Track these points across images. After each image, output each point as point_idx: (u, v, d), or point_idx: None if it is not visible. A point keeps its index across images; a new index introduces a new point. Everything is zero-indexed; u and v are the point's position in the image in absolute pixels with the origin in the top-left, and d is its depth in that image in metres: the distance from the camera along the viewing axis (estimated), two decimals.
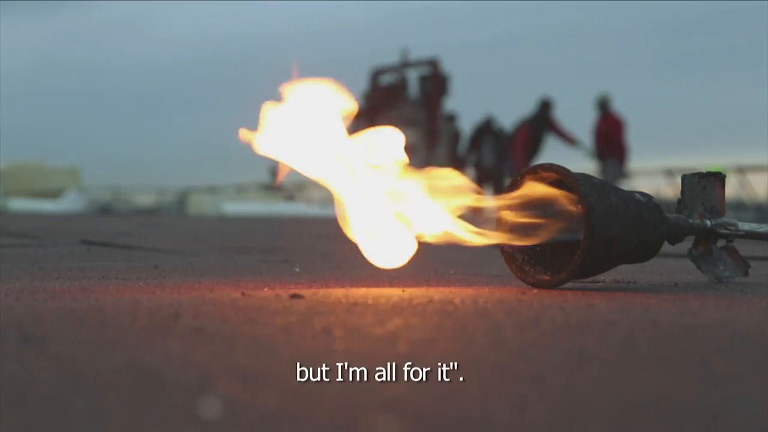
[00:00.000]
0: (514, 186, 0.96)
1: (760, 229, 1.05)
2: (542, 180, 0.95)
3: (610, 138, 8.22)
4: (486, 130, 9.62)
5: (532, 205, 0.95)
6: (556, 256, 0.97)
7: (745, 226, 1.04)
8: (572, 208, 0.93)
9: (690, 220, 1.02)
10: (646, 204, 0.97)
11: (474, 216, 0.99)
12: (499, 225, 0.97)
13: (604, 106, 8.24)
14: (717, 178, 1.19)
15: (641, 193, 1.00)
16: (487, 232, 0.96)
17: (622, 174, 8.15)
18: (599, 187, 0.93)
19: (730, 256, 1.05)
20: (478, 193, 0.98)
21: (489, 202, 0.96)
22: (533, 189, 0.95)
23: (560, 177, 0.94)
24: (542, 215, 0.95)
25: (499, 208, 0.97)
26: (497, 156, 9.50)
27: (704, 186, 1.06)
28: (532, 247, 0.97)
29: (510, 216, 0.96)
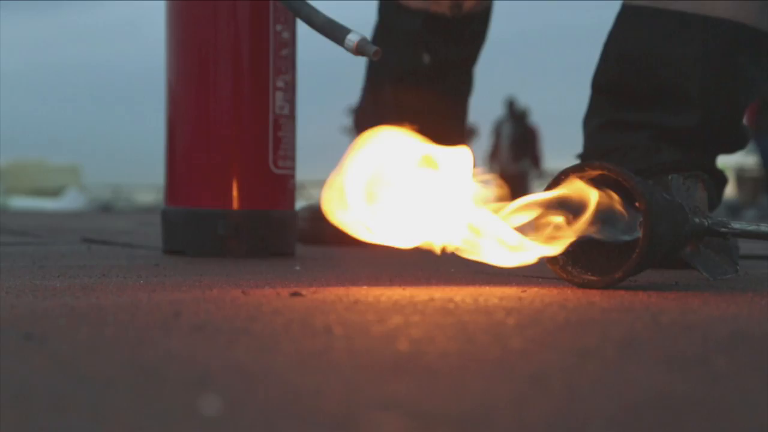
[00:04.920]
0: (557, 184, 0.94)
1: (751, 228, 1.04)
2: (587, 178, 0.93)
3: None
4: (507, 117, 9.56)
5: (573, 205, 0.92)
6: (586, 256, 0.95)
7: (737, 225, 1.03)
8: (617, 207, 0.91)
9: (696, 220, 1.02)
10: (677, 204, 0.96)
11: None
12: (539, 229, 0.94)
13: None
14: (699, 179, 1.20)
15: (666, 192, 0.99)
16: (527, 242, 0.92)
17: None
18: (649, 186, 0.92)
19: (716, 255, 1.04)
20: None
21: (527, 206, 0.93)
22: (576, 187, 0.92)
23: (611, 174, 0.91)
24: (580, 215, 0.92)
25: (540, 213, 0.93)
26: (515, 150, 9.41)
27: (688, 187, 1.06)
28: (570, 248, 0.94)
29: (549, 219, 0.93)
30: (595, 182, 0.93)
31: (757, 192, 9.84)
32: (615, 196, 0.92)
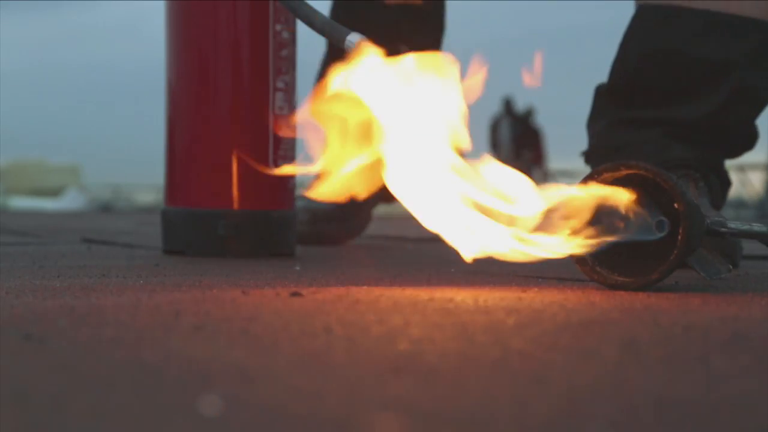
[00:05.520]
0: (589, 183, 0.93)
1: (744, 228, 1.03)
2: (620, 178, 0.92)
3: None
4: (504, 115, 9.63)
5: (604, 205, 0.91)
6: (609, 257, 0.94)
7: (733, 224, 1.02)
8: (639, 207, 0.90)
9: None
10: (697, 204, 0.96)
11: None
12: (563, 227, 0.92)
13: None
14: (691, 179, 1.20)
15: None
16: (551, 239, 0.91)
17: None
18: (684, 187, 0.92)
19: (709, 254, 1.04)
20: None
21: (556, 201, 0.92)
22: (608, 187, 0.91)
23: (648, 175, 0.91)
24: (612, 215, 0.91)
25: (568, 209, 0.91)
26: (517, 148, 9.44)
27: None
28: (599, 249, 0.92)
29: (579, 217, 0.92)
30: (618, 182, 0.92)
31: None
32: (636, 196, 0.91)
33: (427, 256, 1.56)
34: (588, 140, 1.40)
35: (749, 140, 1.36)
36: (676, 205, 0.90)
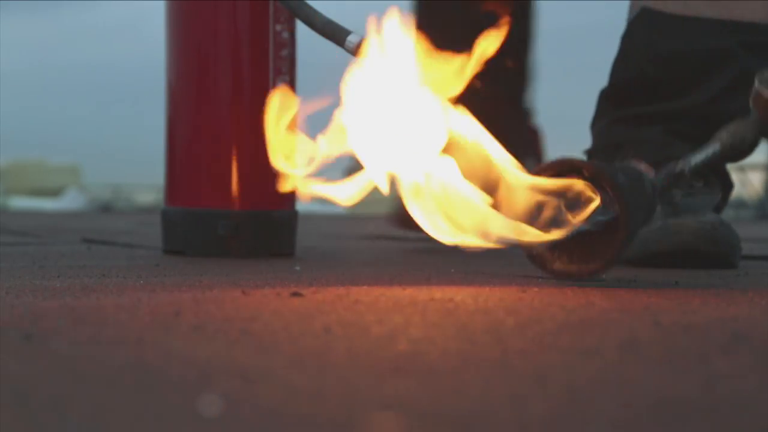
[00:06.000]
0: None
1: (704, 156, 1.05)
2: (559, 174, 0.93)
3: None
4: None
5: (551, 200, 0.92)
6: (562, 246, 0.95)
7: (694, 159, 1.04)
8: (591, 195, 0.91)
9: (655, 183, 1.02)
10: (638, 175, 0.97)
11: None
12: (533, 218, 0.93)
13: None
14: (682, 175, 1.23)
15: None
16: (524, 228, 0.92)
17: None
18: (614, 170, 0.93)
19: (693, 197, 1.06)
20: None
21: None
22: (553, 182, 0.92)
23: (584, 169, 0.91)
24: (561, 207, 0.92)
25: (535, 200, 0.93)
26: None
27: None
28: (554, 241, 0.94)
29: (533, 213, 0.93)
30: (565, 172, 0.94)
31: None
32: (584, 184, 0.92)
33: (427, 256, 1.56)
34: (592, 138, 1.41)
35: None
36: (614, 201, 0.91)
